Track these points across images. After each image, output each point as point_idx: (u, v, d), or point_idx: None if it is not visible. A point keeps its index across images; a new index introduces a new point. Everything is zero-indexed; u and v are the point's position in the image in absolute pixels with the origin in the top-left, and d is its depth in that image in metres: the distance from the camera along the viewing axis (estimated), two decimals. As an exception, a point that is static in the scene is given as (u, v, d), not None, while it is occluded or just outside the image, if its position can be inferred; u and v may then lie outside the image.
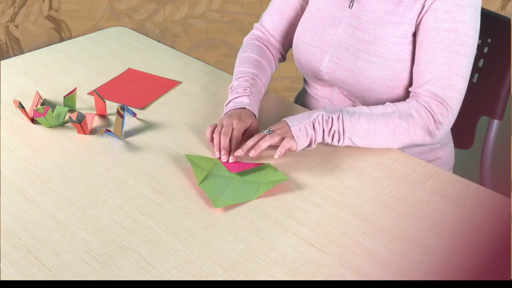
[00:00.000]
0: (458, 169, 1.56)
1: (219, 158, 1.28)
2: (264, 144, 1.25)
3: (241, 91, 1.40)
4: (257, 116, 1.38)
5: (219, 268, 1.02)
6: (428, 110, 1.29)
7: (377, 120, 1.28)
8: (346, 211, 1.16)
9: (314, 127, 1.27)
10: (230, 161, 1.27)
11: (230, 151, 1.28)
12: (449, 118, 1.31)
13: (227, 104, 1.39)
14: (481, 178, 1.62)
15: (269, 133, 1.27)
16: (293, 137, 1.26)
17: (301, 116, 1.29)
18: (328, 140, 1.28)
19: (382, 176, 1.25)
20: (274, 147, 1.26)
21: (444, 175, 1.27)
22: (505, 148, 1.76)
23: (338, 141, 1.28)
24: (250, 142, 1.27)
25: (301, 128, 1.26)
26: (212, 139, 1.31)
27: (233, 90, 1.41)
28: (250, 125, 1.33)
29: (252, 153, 1.24)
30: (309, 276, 1.01)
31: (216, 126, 1.33)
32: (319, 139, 1.28)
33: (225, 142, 1.28)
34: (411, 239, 1.09)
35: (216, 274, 1.01)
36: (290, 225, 1.12)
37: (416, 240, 1.09)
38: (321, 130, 1.27)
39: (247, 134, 1.32)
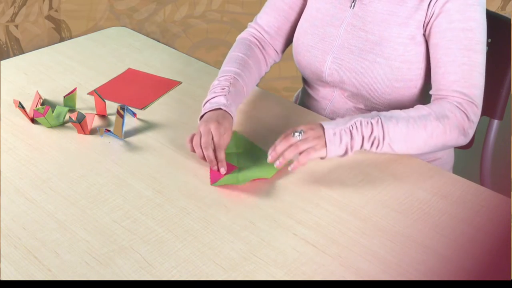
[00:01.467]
0: (458, 169, 1.56)
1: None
2: (289, 155, 1.19)
3: (218, 90, 1.35)
4: (233, 116, 1.32)
5: (219, 268, 1.02)
6: (462, 110, 1.28)
7: (415, 123, 1.24)
8: (346, 211, 1.16)
9: (351, 134, 1.21)
10: (222, 172, 1.23)
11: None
12: (478, 116, 1.31)
13: (204, 105, 1.35)
14: (481, 178, 1.62)
15: (299, 137, 1.20)
16: (325, 143, 1.20)
17: (337, 121, 1.23)
18: (367, 146, 1.22)
19: (382, 176, 1.25)
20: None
21: (444, 175, 1.27)
22: (505, 148, 1.76)
23: (377, 147, 1.23)
24: (279, 149, 1.20)
25: (336, 132, 1.20)
26: (194, 150, 1.27)
27: (211, 90, 1.37)
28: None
29: (277, 164, 1.20)
30: (309, 276, 1.01)
31: (193, 135, 1.28)
32: (357, 147, 1.22)
33: (209, 154, 1.23)
34: (411, 239, 1.09)
35: (216, 274, 1.01)
36: (290, 225, 1.12)
37: (416, 240, 1.09)
38: (360, 136, 1.21)
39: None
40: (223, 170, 1.23)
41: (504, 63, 1.51)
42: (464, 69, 1.29)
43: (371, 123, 1.22)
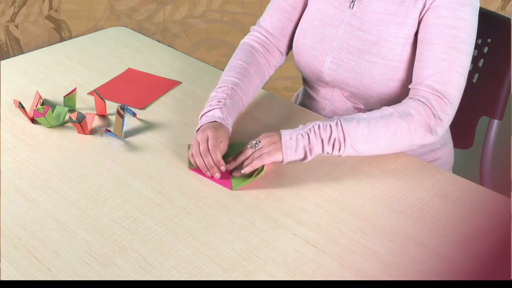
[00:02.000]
0: (458, 169, 1.56)
1: (211, 177, 1.24)
2: (246, 170, 1.23)
3: (214, 103, 1.35)
4: (230, 129, 1.33)
5: (219, 268, 1.02)
6: (427, 106, 1.27)
7: (376, 123, 1.25)
8: (346, 211, 1.16)
9: (309, 137, 1.23)
10: (222, 170, 1.23)
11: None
12: (448, 114, 1.28)
13: (200, 118, 1.34)
14: (481, 178, 1.62)
15: (255, 146, 1.24)
16: (280, 147, 1.22)
17: (298, 127, 1.26)
18: (328, 149, 1.24)
19: (382, 176, 1.25)
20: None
21: (444, 175, 1.27)
22: (505, 148, 1.76)
23: (339, 149, 1.23)
24: (238, 161, 1.25)
25: (293, 137, 1.23)
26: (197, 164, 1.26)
27: (208, 103, 1.37)
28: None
29: (235, 173, 1.24)
30: (309, 276, 1.01)
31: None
32: (318, 150, 1.23)
33: (209, 161, 1.24)
34: (411, 239, 1.09)
35: (216, 274, 1.01)
36: (290, 225, 1.12)
37: (416, 240, 1.09)
38: (319, 140, 1.23)
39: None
40: (223, 168, 1.24)
41: (504, 63, 1.51)
42: (442, 65, 1.28)
43: (330, 126, 1.24)
